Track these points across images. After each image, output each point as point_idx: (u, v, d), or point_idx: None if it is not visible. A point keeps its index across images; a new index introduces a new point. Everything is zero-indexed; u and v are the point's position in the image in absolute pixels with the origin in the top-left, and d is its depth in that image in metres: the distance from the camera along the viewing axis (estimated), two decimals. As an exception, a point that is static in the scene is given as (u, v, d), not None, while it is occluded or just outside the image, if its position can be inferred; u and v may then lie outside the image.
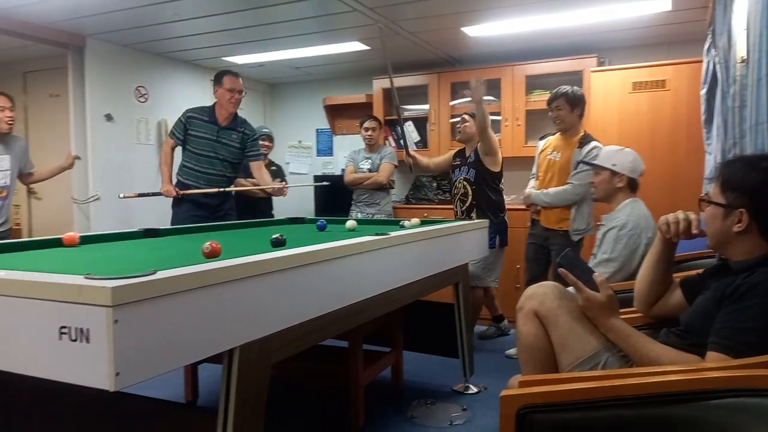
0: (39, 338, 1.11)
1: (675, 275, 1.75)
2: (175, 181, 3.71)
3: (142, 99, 4.74)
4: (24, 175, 3.68)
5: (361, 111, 5.18)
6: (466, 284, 3.04)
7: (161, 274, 1.17)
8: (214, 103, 3.71)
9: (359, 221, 2.94)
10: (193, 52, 4.81)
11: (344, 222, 2.67)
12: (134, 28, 4.06)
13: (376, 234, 2.10)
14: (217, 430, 1.35)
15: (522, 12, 3.72)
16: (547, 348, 1.62)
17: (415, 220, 2.88)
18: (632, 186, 2.55)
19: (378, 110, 5.16)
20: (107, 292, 1.02)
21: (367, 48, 4.60)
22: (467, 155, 3.84)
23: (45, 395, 1.70)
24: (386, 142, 5.14)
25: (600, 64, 4.48)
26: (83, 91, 4.33)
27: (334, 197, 4.94)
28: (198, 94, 5.31)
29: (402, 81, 5.09)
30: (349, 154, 4.69)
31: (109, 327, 1.02)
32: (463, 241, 2.89)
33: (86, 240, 2.17)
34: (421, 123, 5.21)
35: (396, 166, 4.48)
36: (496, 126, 4.77)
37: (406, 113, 5.31)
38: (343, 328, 1.93)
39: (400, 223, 2.80)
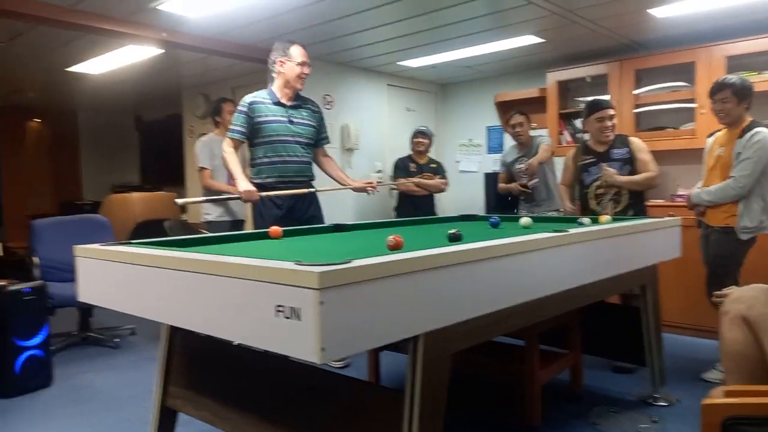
0: (259, 314, 1.30)
1: None
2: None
3: (328, 106, 5.16)
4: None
5: (533, 106, 5.05)
6: (655, 287, 2.82)
7: (356, 263, 1.29)
8: (272, 84, 3.31)
9: (534, 218, 2.89)
10: (372, 59, 5.11)
11: (517, 219, 2.65)
12: (322, 42, 4.44)
13: (554, 231, 2.05)
14: (404, 410, 1.45)
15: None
16: (757, 356, 1.45)
17: (607, 217, 2.76)
18: None
19: (552, 104, 4.99)
20: (315, 276, 1.16)
21: (542, 41, 4.48)
22: (610, 152, 3.50)
23: (251, 363, 1.97)
24: (561, 136, 4.95)
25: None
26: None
27: (506, 196, 4.88)
28: (375, 97, 5.64)
29: (578, 72, 4.87)
30: (500, 157, 4.56)
31: (316, 307, 1.17)
32: (652, 240, 2.68)
33: (287, 234, 2.45)
34: (599, 115, 4.91)
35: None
36: (690, 114, 4.32)
37: (582, 105, 5.06)
38: (520, 324, 1.93)
39: (579, 220, 2.70)
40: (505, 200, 4.56)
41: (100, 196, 7.49)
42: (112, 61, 4.97)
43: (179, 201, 3.07)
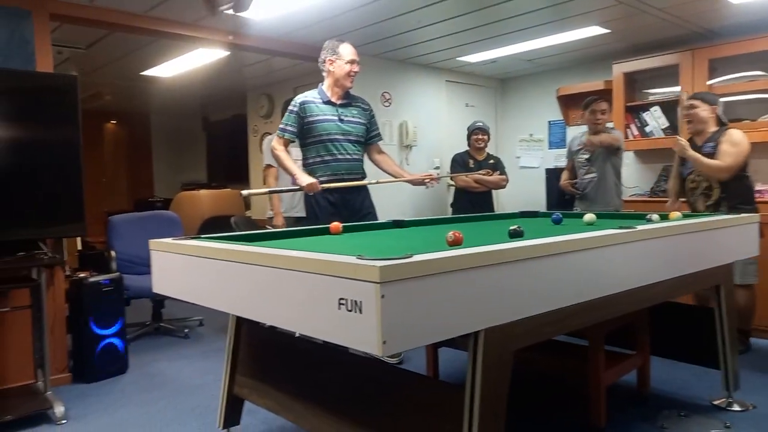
0: (322, 307, 1.33)
1: None
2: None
3: (386, 104, 5.20)
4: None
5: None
6: (730, 287, 2.68)
7: (416, 258, 1.31)
8: (321, 84, 3.31)
9: (599, 215, 2.81)
10: (430, 55, 5.10)
11: (580, 216, 2.58)
12: (381, 40, 4.47)
13: (620, 228, 1.99)
14: (465, 405, 1.45)
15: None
16: None
17: (677, 214, 2.65)
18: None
19: (618, 96, 4.81)
20: (376, 270, 1.18)
21: (607, 31, 4.33)
22: (699, 145, 3.37)
23: (314, 355, 2.02)
24: (627, 130, 4.78)
25: None
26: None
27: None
28: (434, 93, 5.63)
29: (645, 63, 4.68)
30: (567, 145, 4.47)
31: (377, 300, 1.19)
32: (726, 238, 2.55)
33: (347, 229, 2.49)
34: (669, 107, 4.70)
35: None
36: (769, 105, 4.07)
37: (650, 98, 4.86)
38: (583, 323, 1.89)
39: (647, 217, 2.60)
40: (568, 195, 4.45)
41: (170, 193, 7.86)
42: (182, 64, 5.20)
43: (244, 192, 3.21)
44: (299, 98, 3.26)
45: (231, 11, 3.45)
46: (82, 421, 2.76)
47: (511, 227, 1.94)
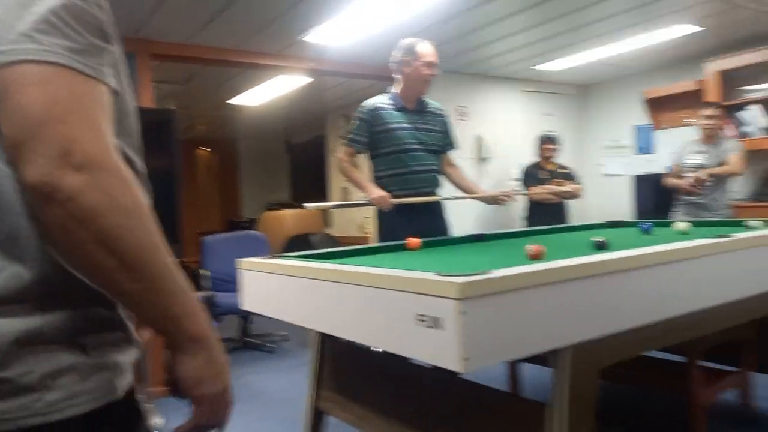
0: (402, 323, 1.35)
1: None
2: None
3: (462, 118, 5.19)
4: None
5: (688, 100, 4.65)
6: None
7: (496, 273, 1.29)
8: (392, 88, 3.03)
9: (695, 223, 2.65)
10: (506, 67, 5.05)
11: (670, 225, 2.44)
12: (456, 56, 4.49)
13: (716, 236, 1.87)
14: (549, 424, 1.41)
15: None
16: None
17: (758, 222, 2.45)
18: None
19: (712, 97, 4.52)
20: (456, 287, 1.19)
21: (700, 29, 4.09)
22: None
23: (395, 370, 2.04)
24: (724, 133, 4.47)
25: None
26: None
27: (658, 198, 4.53)
28: (510, 104, 5.56)
29: (741, 59, 4.37)
30: (677, 148, 4.25)
31: (458, 317, 1.19)
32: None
33: (426, 244, 2.50)
34: (770, 105, 4.36)
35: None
36: None
37: (747, 95, 4.53)
38: (678, 339, 1.78)
39: (745, 223, 2.41)
40: (659, 202, 4.22)
41: (256, 213, 8.23)
42: (266, 92, 5.47)
43: (308, 206, 3.00)
44: (369, 104, 2.95)
45: None
46: None
47: (596, 239, 1.88)
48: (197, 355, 0.75)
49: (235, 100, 5.83)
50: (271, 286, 1.99)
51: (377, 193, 2.82)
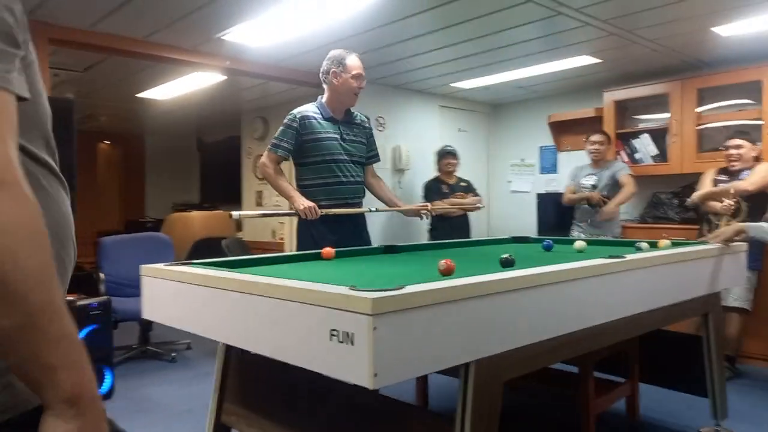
0: (314, 338, 1.33)
1: None
2: None
3: (381, 128, 5.24)
4: None
5: (588, 126, 4.97)
6: (718, 315, 2.69)
7: (409, 289, 1.31)
8: (321, 98, 3.04)
9: (589, 242, 2.83)
10: (425, 81, 5.17)
11: (571, 243, 2.60)
12: (376, 66, 4.52)
13: (610, 257, 2.01)
14: (455, 437, 1.45)
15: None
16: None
17: (666, 242, 2.67)
18: None
19: (609, 124, 4.88)
20: (369, 302, 1.19)
21: (598, 61, 4.41)
22: (737, 171, 3.51)
23: (303, 383, 2.01)
24: (617, 157, 4.84)
25: None
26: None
27: (559, 216, 4.81)
28: (427, 118, 5.69)
29: (635, 92, 4.77)
30: (570, 171, 4.58)
31: (369, 332, 1.19)
32: (715, 266, 2.57)
33: (339, 254, 2.49)
34: (658, 135, 4.77)
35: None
36: (757, 134, 4.14)
37: (640, 125, 4.94)
38: (574, 352, 1.89)
39: (636, 245, 2.62)
40: (559, 220, 4.50)
41: (162, 214, 7.83)
42: (178, 88, 5.23)
43: (234, 214, 2.95)
44: (298, 112, 2.95)
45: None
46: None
47: (503, 256, 1.95)
48: (70, 422, 0.62)
49: (145, 94, 5.53)
50: (175, 294, 1.89)
51: (305, 203, 2.82)
